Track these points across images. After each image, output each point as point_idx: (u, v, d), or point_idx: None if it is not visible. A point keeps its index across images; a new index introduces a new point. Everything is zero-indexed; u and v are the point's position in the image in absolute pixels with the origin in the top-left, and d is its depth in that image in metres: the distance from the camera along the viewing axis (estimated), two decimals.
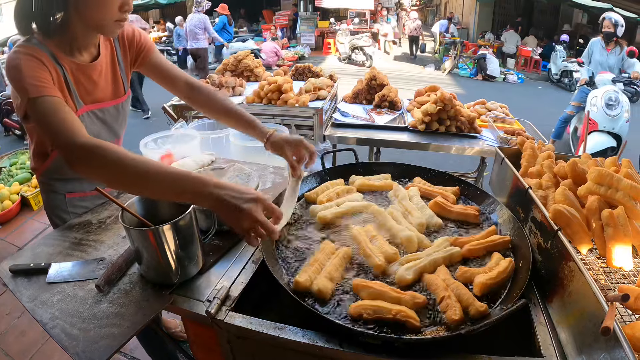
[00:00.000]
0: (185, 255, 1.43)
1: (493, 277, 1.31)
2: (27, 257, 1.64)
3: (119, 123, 1.91)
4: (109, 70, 1.77)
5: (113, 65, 1.79)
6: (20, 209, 5.40)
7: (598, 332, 0.95)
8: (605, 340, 0.96)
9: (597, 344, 1.01)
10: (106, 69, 1.75)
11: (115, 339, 1.25)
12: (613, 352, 0.94)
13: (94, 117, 1.75)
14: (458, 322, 1.21)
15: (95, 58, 1.69)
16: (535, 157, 1.90)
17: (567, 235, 1.35)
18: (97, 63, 1.69)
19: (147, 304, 1.38)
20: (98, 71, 1.70)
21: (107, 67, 1.75)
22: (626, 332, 0.98)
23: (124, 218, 1.37)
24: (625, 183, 1.39)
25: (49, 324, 1.33)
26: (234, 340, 1.39)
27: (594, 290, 1.05)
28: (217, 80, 3.95)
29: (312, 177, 2.01)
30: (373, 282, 1.32)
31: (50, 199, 1.95)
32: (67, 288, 1.46)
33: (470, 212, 1.70)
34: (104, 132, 1.82)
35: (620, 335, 0.92)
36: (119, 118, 1.88)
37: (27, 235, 4.90)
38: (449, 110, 3.24)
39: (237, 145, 3.15)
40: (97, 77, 1.71)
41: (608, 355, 0.96)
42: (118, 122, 1.89)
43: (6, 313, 3.63)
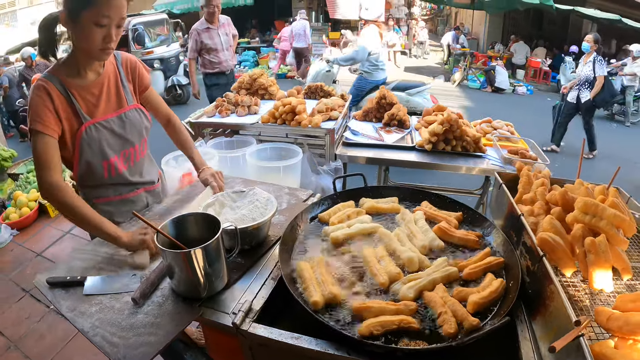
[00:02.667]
0: (212, 272, 1.60)
1: (485, 297, 1.48)
2: (62, 270, 1.81)
3: (129, 131, 2.13)
4: (113, 85, 2.09)
5: (116, 82, 2.11)
6: (38, 216, 5.54)
7: (570, 348, 1.13)
8: (574, 357, 1.12)
9: (569, 359, 1.17)
10: (109, 85, 2.07)
11: (152, 346, 1.42)
12: None
13: (101, 127, 2.01)
14: (453, 334, 1.38)
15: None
16: (531, 183, 2.03)
17: (553, 260, 1.50)
18: (100, 80, 2.03)
19: (179, 315, 1.55)
20: (100, 87, 2.03)
21: (110, 83, 2.08)
22: (595, 349, 1.14)
23: (159, 239, 1.54)
24: (609, 212, 1.52)
25: (90, 332, 1.48)
26: (256, 347, 1.57)
27: (568, 311, 1.21)
28: (233, 99, 4.08)
29: (324, 200, 2.18)
30: (371, 302, 1.49)
31: None
32: (104, 300, 1.63)
33: (471, 238, 1.85)
34: (113, 140, 2.07)
35: (586, 352, 1.07)
36: (126, 127, 2.11)
37: (45, 242, 5.02)
38: (454, 130, 3.36)
39: (253, 165, 3.30)
40: (100, 92, 2.03)
41: None
42: (127, 130, 2.12)
43: (25, 317, 3.75)
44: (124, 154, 2.13)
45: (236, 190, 2.12)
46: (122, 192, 2.20)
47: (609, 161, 7.61)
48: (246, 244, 1.89)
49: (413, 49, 22.78)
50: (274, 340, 1.46)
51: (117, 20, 1.78)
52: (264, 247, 1.95)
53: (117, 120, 2.08)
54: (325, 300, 1.52)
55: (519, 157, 3.27)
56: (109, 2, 1.71)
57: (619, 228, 1.54)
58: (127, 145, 2.13)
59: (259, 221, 1.85)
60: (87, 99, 1.98)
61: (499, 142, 3.57)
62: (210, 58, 6.40)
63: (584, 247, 1.48)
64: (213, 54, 6.39)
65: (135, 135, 2.16)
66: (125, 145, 2.13)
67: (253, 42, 21.19)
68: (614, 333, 1.21)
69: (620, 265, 1.51)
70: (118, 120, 2.08)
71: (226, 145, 3.79)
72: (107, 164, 2.06)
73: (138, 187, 2.28)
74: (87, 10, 1.70)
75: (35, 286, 1.76)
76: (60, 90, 1.88)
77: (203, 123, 4.03)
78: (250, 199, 2.06)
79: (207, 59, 6.43)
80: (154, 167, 2.45)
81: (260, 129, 3.92)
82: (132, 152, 2.18)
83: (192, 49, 6.32)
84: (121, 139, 2.10)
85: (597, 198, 1.67)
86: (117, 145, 2.08)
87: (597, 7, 15.43)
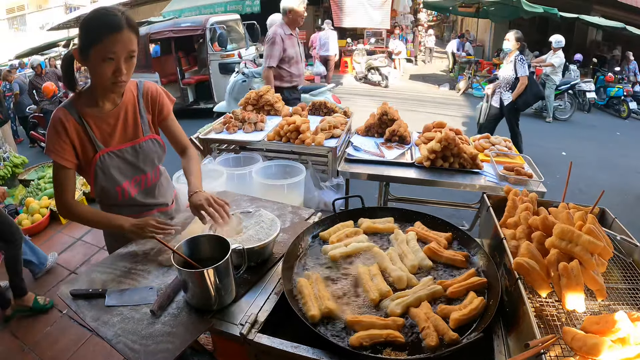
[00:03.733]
0: (222, 288, 1.76)
1: (465, 314, 1.65)
2: (83, 282, 1.97)
3: (142, 160, 2.24)
4: (130, 116, 2.18)
5: (134, 112, 2.20)
6: (50, 222, 5.69)
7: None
8: None
9: None
10: (126, 115, 2.16)
11: (170, 353, 1.57)
12: None
13: (114, 156, 2.14)
14: (435, 347, 1.55)
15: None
16: (516, 207, 2.18)
17: (529, 282, 1.65)
18: (117, 110, 2.13)
19: (193, 325, 1.71)
20: (117, 117, 2.13)
21: (127, 113, 2.17)
22: None
23: (175, 259, 1.71)
24: (584, 239, 1.64)
25: (113, 340, 1.64)
26: (260, 354, 1.75)
27: (535, 330, 1.38)
28: (240, 115, 4.22)
29: (325, 220, 2.34)
30: (362, 316, 1.66)
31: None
32: (124, 311, 1.78)
33: (458, 258, 2.01)
34: (125, 168, 2.19)
35: None
36: (139, 157, 2.22)
37: (56, 248, 5.15)
38: (452, 148, 3.48)
39: (258, 182, 3.45)
40: (116, 122, 2.13)
41: None
42: (140, 159, 2.23)
43: (39, 321, 3.93)
44: (135, 180, 2.26)
45: (243, 211, 2.29)
46: (135, 212, 2.31)
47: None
48: (252, 262, 2.05)
49: (420, 55, 22.90)
50: (276, 348, 1.64)
51: (125, 54, 1.89)
52: (268, 264, 2.11)
53: (131, 150, 2.19)
54: (322, 314, 1.69)
55: (514, 174, 3.37)
56: (115, 38, 1.81)
57: (594, 253, 1.66)
58: (139, 172, 2.26)
59: (264, 241, 2.01)
60: (102, 128, 2.09)
61: (496, 158, 3.67)
62: (290, 69, 5.64)
63: (558, 270, 1.62)
64: (293, 65, 5.66)
65: (147, 164, 2.28)
66: (137, 172, 2.25)
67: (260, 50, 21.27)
68: (576, 352, 1.34)
69: (594, 287, 1.64)
70: (132, 150, 2.19)
71: (233, 161, 3.93)
72: (120, 189, 2.20)
73: (152, 208, 2.41)
74: (95, 47, 1.81)
75: (58, 296, 1.92)
76: (77, 120, 2.01)
77: (211, 139, 4.16)
78: (257, 219, 2.22)
79: (286, 71, 5.64)
80: (170, 188, 2.56)
81: (266, 146, 4.05)
82: (144, 179, 2.30)
83: (275, 57, 5.43)
84: (133, 167, 2.22)
85: (576, 223, 1.78)
86: (128, 172, 2.21)
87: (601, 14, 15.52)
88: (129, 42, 1.87)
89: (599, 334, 1.34)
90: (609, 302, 1.73)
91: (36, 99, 10.35)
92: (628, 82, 13.90)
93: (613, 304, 1.72)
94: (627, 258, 2.00)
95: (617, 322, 1.32)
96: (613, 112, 13.64)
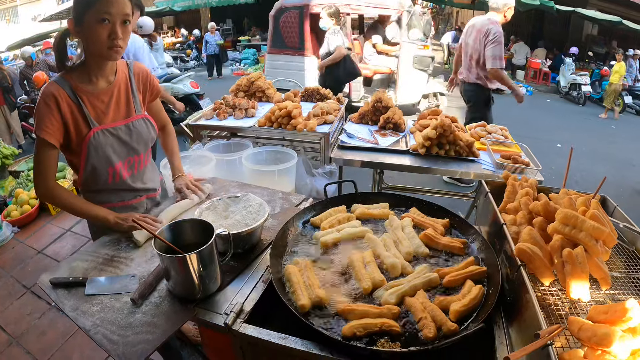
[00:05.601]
0: (206, 275, 1.67)
1: (466, 304, 1.55)
2: (64, 270, 1.88)
3: (136, 140, 2.18)
4: (123, 94, 2.15)
5: (127, 90, 2.17)
6: (39, 213, 5.58)
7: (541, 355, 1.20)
8: None
9: None
10: (119, 93, 2.13)
11: (150, 344, 1.50)
12: None
13: (108, 134, 2.07)
14: (432, 338, 1.46)
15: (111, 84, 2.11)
16: (515, 193, 2.10)
17: (531, 270, 1.57)
18: (111, 88, 2.09)
19: (175, 315, 1.63)
20: (111, 94, 2.09)
21: (120, 91, 2.14)
22: (564, 358, 1.21)
23: (156, 244, 1.62)
24: (588, 224, 1.56)
25: (91, 330, 1.56)
26: (246, 346, 1.67)
27: (540, 320, 1.28)
28: (230, 102, 4.13)
29: (315, 206, 2.25)
30: (355, 305, 1.58)
31: None
32: (105, 300, 1.70)
33: (456, 245, 1.92)
34: (119, 148, 2.12)
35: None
36: (133, 136, 2.16)
37: (46, 240, 5.07)
38: (448, 135, 3.39)
39: (249, 168, 3.37)
40: (109, 100, 2.09)
41: None
42: (133, 139, 2.17)
43: (27, 313, 3.82)
44: (129, 162, 2.20)
45: (230, 196, 2.20)
46: (124, 198, 2.27)
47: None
48: (239, 248, 1.96)
49: None
50: (263, 340, 1.54)
51: (120, 17, 1.83)
52: (256, 251, 2.02)
53: (125, 129, 2.14)
54: (312, 303, 1.59)
55: (512, 162, 3.30)
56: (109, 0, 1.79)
57: (599, 239, 1.58)
58: (131, 153, 2.19)
59: (251, 226, 1.92)
60: (96, 105, 2.04)
61: (492, 147, 3.61)
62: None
63: (562, 257, 1.54)
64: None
65: (141, 144, 2.23)
66: (130, 153, 2.19)
67: (254, 40, 21.21)
68: (584, 343, 1.26)
69: (598, 275, 1.56)
70: (125, 128, 2.14)
71: (223, 148, 3.85)
72: (112, 170, 2.12)
73: (141, 195, 2.35)
74: (89, 11, 1.78)
75: (37, 284, 1.85)
76: (70, 96, 1.95)
77: (201, 126, 4.08)
78: (244, 204, 2.13)
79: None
80: (156, 174, 2.53)
81: (257, 132, 3.99)
82: (137, 160, 2.24)
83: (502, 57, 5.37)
84: (127, 147, 2.16)
85: (579, 209, 1.71)
86: (122, 153, 2.14)
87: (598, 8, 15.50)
88: (123, 5, 1.83)
89: (607, 323, 1.26)
90: (613, 292, 1.65)
91: (27, 89, 10.29)
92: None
93: (617, 293, 1.65)
94: (629, 246, 1.92)
95: (628, 310, 1.23)
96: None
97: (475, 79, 5.56)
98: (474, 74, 5.56)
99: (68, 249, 4.88)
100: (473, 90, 5.69)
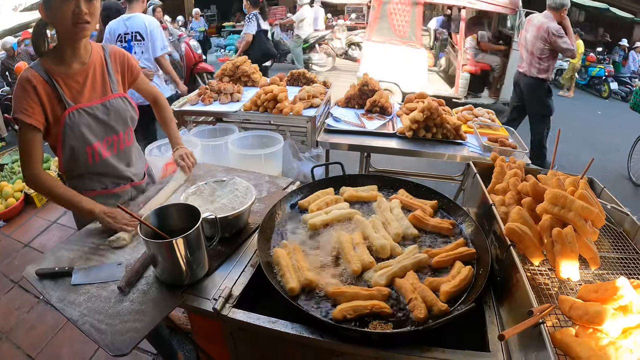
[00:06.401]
0: (193, 260, 1.65)
1: (456, 285, 1.55)
2: (50, 261, 1.84)
3: (114, 119, 2.17)
4: (99, 74, 2.15)
5: (102, 70, 2.17)
6: (25, 206, 5.48)
7: (533, 333, 1.19)
8: (537, 341, 1.18)
9: (531, 344, 1.23)
10: (94, 74, 2.13)
11: (138, 332, 1.47)
12: (541, 352, 1.16)
13: (84, 113, 2.06)
14: (423, 319, 1.45)
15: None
16: (504, 173, 2.09)
17: (521, 250, 1.57)
18: (85, 69, 2.09)
19: (163, 302, 1.61)
20: (85, 75, 2.09)
21: (95, 72, 2.13)
22: (556, 336, 1.20)
23: (142, 230, 1.58)
24: (577, 204, 1.56)
25: (79, 320, 1.53)
26: (236, 331, 1.65)
27: (531, 299, 1.28)
28: (215, 87, 4.08)
29: (303, 188, 2.23)
30: (345, 287, 1.56)
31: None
32: (91, 289, 1.67)
33: (444, 226, 1.91)
34: (96, 127, 2.11)
35: (546, 339, 1.14)
36: (110, 114, 2.15)
37: (32, 232, 4.98)
38: (435, 118, 3.39)
39: (235, 153, 3.33)
40: (84, 80, 2.08)
41: (538, 354, 1.18)
42: (111, 117, 2.16)
43: (15, 308, 3.75)
44: (107, 141, 2.17)
45: (217, 180, 2.17)
46: (107, 185, 2.25)
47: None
48: (226, 232, 1.94)
49: None
50: (252, 324, 1.53)
51: None
52: (244, 235, 2.00)
53: (101, 107, 2.12)
54: (301, 286, 1.58)
55: (499, 144, 3.32)
56: None
57: (588, 219, 1.58)
58: (110, 132, 2.17)
59: (238, 210, 1.89)
60: (71, 86, 2.03)
61: (480, 130, 3.61)
62: None
63: (551, 237, 1.53)
64: None
65: (119, 123, 2.21)
66: (108, 132, 2.16)
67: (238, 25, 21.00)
68: (575, 321, 1.26)
69: (588, 255, 1.56)
70: (102, 107, 2.12)
71: (209, 133, 3.81)
72: (90, 149, 2.09)
73: (125, 182, 2.33)
74: None
75: (24, 277, 1.78)
76: (45, 78, 1.95)
77: (186, 111, 4.03)
78: (230, 188, 2.11)
79: None
80: (142, 160, 2.51)
81: (242, 117, 3.94)
82: (116, 140, 2.21)
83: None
84: (104, 126, 2.14)
85: (568, 189, 1.70)
86: (100, 132, 2.12)
87: None
88: None
89: (598, 302, 1.25)
90: (602, 272, 1.65)
91: (9, 80, 10.07)
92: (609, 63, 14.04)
93: (605, 274, 1.65)
94: (617, 227, 1.93)
95: (619, 289, 1.23)
96: (594, 91, 13.82)
97: (536, 72, 5.92)
98: (535, 68, 5.92)
99: (55, 241, 4.79)
100: (534, 83, 6.02)
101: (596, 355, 1.09)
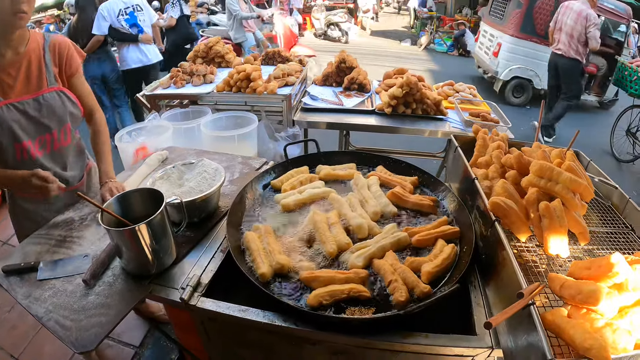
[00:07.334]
0: (160, 248, 1.57)
1: (438, 265, 1.47)
2: (17, 256, 1.77)
3: (46, 115, 2.01)
4: (35, 66, 2.00)
5: (38, 62, 2.02)
6: (1, 203, 5.39)
7: (522, 315, 1.11)
8: (526, 323, 1.10)
9: (520, 327, 1.15)
10: (28, 64, 1.98)
11: (104, 327, 1.42)
12: (531, 334, 1.08)
13: (14, 109, 1.91)
14: (404, 302, 1.36)
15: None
16: (486, 147, 2.01)
17: (506, 225, 1.48)
18: (19, 59, 1.95)
19: (130, 293, 1.54)
20: (19, 67, 1.95)
21: (31, 63, 1.99)
22: (547, 318, 1.13)
23: (103, 218, 1.49)
24: (565, 176, 1.48)
25: (44, 317, 1.48)
26: (207, 321, 1.57)
27: (519, 278, 1.19)
28: (188, 69, 3.96)
29: (275, 167, 2.14)
30: (319, 271, 1.48)
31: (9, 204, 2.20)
32: (57, 284, 1.60)
33: (425, 203, 1.83)
34: (26, 124, 1.96)
35: (536, 322, 1.06)
36: (42, 110, 1.99)
37: (10, 230, 4.76)
38: (414, 93, 3.32)
39: (207, 135, 3.23)
40: (17, 73, 1.94)
41: (527, 336, 1.10)
42: (43, 113, 2.00)
43: None
44: (40, 140, 2.04)
45: (185, 162, 2.07)
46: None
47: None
48: (195, 217, 1.86)
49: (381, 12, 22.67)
50: (222, 313, 1.45)
51: None
52: (213, 219, 1.91)
53: (33, 103, 1.98)
54: (273, 271, 1.50)
55: (480, 119, 3.26)
56: None
57: (576, 192, 1.51)
58: (42, 130, 2.04)
59: (205, 193, 1.80)
60: (2, 79, 1.91)
61: (461, 105, 3.56)
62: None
63: (538, 211, 1.46)
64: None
65: (53, 120, 2.06)
66: (41, 130, 2.03)
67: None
68: (567, 301, 1.18)
69: (577, 230, 1.49)
70: (34, 102, 1.98)
71: (182, 116, 3.69)
72: (19, 146, 1.97)
73: None
74: None
75: None
76: None
77: (158, 95, 3.88)
78: (199, 170, 2.01)
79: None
80: (82, 160, 2.35)
81: (216, 98, 3.83)
82: (49, 139, 2.07)
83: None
84: (36, 124, 2.00)
85: (554, 162, 1.64)
86: (31, 130, 1.99)
87: None
88: None
89: (590, 280, 1.18)
90: (591, 247, 1.58)
91: None
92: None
93: (595, 249, 1.58)
94: (605, 201, 1.87)
95: (613, 265, 1.15)
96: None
97: (575, 54, 6.54)
98: (574, 50, 6.53)
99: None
100: (572, 64, 6.66)
101: (592, 338, 1.01)
